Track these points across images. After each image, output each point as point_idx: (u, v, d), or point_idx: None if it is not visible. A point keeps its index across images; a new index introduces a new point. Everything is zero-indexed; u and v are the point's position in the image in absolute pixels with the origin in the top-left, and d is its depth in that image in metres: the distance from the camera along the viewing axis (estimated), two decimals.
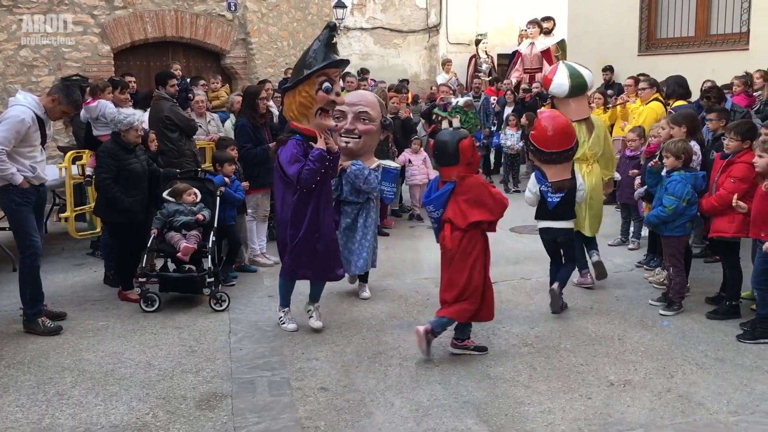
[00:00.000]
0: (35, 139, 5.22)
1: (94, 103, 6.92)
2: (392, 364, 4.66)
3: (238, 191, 6.61)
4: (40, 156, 5.35)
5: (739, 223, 5.23)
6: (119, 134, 5.88)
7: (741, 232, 5.26)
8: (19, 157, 5.14)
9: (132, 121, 5.86)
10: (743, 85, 8.38)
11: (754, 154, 5.13)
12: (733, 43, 10.63)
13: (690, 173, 5.51)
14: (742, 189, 5.19)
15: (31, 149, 5.22)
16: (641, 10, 11.70)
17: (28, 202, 5.26)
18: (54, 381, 4.46)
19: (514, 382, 4.36)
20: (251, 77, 12.50)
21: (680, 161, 5.51)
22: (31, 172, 5.21)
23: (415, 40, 19.19)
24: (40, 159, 5.35)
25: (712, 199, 5.39)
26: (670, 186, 5.50)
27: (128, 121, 5.84)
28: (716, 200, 5.35)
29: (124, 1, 11.28)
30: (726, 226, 5.33)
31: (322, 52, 4.95)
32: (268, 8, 13.05)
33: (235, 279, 6.57)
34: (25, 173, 5.17)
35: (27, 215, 5.26)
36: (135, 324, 5.49)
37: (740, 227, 5.24)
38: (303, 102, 4.98)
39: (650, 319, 5.42)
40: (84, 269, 7.17)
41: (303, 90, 4.96)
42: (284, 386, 4.36)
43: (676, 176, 5.50)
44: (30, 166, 5.21)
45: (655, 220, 5.61)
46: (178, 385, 4.38)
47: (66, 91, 5.34)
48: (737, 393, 4.16)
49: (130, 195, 5.85)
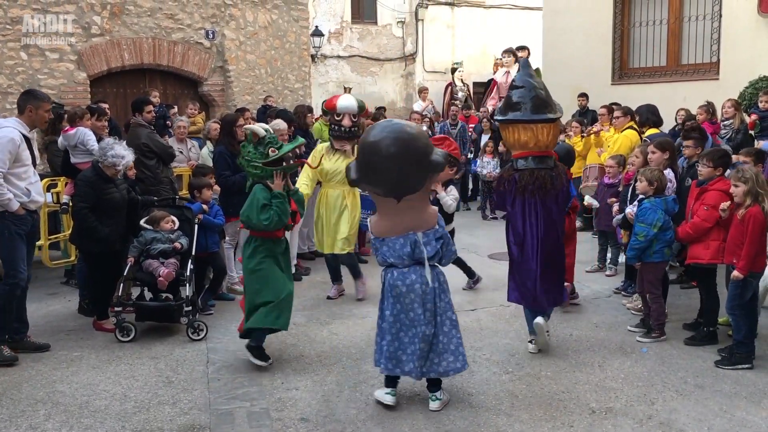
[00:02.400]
0: (26, 158, 5.22)
1: (73, 131, 6.85)
2: (373, 393, 4.61)
3: (218, 216, 6.57)
4: (34, 177, 5.35)
5: (714, 249, 5.31)
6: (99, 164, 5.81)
7: (716, 259, 5.33)
8: (15, 179, 5.13)
9: (116, 163, 5.75)
10: (705, 113, 8.64)
11: (727, 181, 5.22)
12: (704, 72, 10.87)
13: (660, 198, 5.58)
14: (715, 217, 5.26)
15: (25, 169, 5.21)
16: (614, 40, 11.95)
17: (23, 231, 5.23)
18: (27, 414, 4.35)
19: (496, 411, 4.34)
20: (229, 104, 12.52)
21: (652, 188, 5.59)
22: (26, 196, 5.19)
23: (392, 68, 19.36)
24: (35, 180, 5.35)
25: (687, 227, 5.45)
26: (641, 214, 5.58)
27: (112, 161, 5.73)
28: (691, 228, 5.41)
29: (101, 29, 11.28)
30: (702, 252, 5.40)
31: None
32: (246, 36, 13.11)
33: (212, 308, 6.49)
34: (21, 199, 5.14)
35: (19, 245, 5.22)
36: (110, 354, 5.39)
37: (715, 254, 5.31)
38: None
39: (629, 346, 5.44)
40: (58, 298, 7.04)
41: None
42: (264, 417, 4.30)
43: (646, 204, 5.58)
44: (25, 188, 5.20)
45: (633, 253, 5.66)
46: (154, 417, 4.29)
47: (32, 95, 5.40)
48: (717, 419, 4.18)
49: (107, 224, 5.76)
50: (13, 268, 5.19)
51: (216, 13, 12.59)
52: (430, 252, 4.23)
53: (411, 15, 19.20)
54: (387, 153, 3.98)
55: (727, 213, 5.15)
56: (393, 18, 19.11)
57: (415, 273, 4.22)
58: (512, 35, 17.51)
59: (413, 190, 4.11)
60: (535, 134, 4.97)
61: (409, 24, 19.19)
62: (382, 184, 4.12)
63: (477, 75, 18.69)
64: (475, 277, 7.04)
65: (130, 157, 5.94)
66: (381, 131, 4.07)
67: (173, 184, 7.56)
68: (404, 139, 4.02)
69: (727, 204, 5.15)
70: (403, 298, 4.23)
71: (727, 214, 5.15)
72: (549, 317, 5.44)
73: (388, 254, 4.26)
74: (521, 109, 4.99)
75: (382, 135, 4.04)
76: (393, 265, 4.28)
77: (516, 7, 19.60)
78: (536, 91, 5.02)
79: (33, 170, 5.36)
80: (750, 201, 4.90)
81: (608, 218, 7.50)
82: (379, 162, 4.02)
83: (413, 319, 4.25)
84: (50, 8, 10.83)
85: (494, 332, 5.80)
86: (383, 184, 4.11)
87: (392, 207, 4.17)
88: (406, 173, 4.03)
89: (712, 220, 5.28)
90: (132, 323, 5.74)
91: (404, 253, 4.21)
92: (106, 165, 5.76)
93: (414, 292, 4.21)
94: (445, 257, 4.35)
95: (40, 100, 5.37)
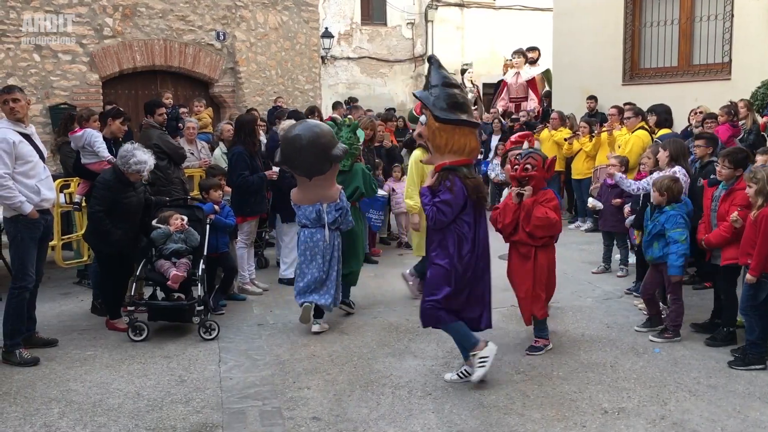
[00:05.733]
0: (28, 155, 5.19)
1: (80, 132, 6.88)
2: (384, 392, 4.62)
3: (229, 217, 6.60)
4: (44, 172, 5.34)
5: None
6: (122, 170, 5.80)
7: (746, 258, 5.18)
8: (22, 177, 5.13)
9: (140, 169, 5.77)
10: (727, 115, 8.48)
11: None
12: (716, 73, 10.83)
13: (680, 204, 5.55)
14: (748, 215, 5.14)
15: (31, 165, 5.20)
16: (625, 41, 11.91)
17: (36, 234, 5.26)
18: (41, 412, 4.38)
19: (507, 410, 4.34)
20: (239, 106, 12.56)
21: (664, 198, 5.56)
22: (36, 195, 5.19)
23: (401, 69, 19.39)
24: (44, 176, 5.34)
25: (723, 231, 5.28)
26: (671, 221, 5.49)
27: (136, 168, 5.74)
28: (726, 232, 5.25)
29: (113, 30, 11.34)
30: (733, 253, 5.23)
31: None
32: (257, 38, 13.15)
33: (224, 308, 6.52)
34: (32, 199, 5.15)
35: (31, 249, 5.25)
36: (123, 353, 5.42)
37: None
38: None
39: (641, 346, 5.42)
40: (71, 298, 7.09)
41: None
42: (276, 416, 4.31)
43: (671, 211, 5.53)
44: (35, 186, 5.19)
45: (682, 260, 5.48)
46: (167, 416, 4.32)
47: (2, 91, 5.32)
48: (731, 420, 4.16)
49: (121, 227, 5.77)
50: (22, 271, 5.24)
51: (227, 14, 12.64)
52: (330, 219, 5.74)
53: (420, 16, 19.22)
54: (299, 144, 5.48)
55: (740, 222, 5.10)
56: (402, 19, 19.13)
57: (320, 233, 5.75)
58: (522, 36, 17.48)
59: (320, 173, 5.60)
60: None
61: (418, 25, 19.21)
62: (297, 167, 5.63)
63: (486, 76, 18.66)
64: None
65: (152, 160, 5.92)
66: (296, 129, 5.66)
67: (184, 185, 7.59)
68: (310, 136, 5.49)
69: (736, 215, 5.10)
70: (309, 250, 5.76)
71: (740, 223, 5.10)
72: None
73: (302, 217, 5.81)
74: (469, 112, 4.74)
75: (296, 131, 5.60)
76: (305, 225, 5.81)
77: (525, 8, 19.57)
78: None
79: (42, 165, 5.34)
80: (762, 201, 4.87)
81: (613, 219, 7.51)
82: (294, 151, 5.52)
83: (314, 265, 5.75)
84: (63, 10, 10.90)
85: (505, 332, 5.80)
86: (298, 167, 5.62)
87: (306, 183, 5.70)
88: (312, 160, 5.51)
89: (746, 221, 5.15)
90: (144, 323, 5.77)
91: (312, 217, 5.75)
92: (130, 173, 5.78)
93: (317, 246, 5.74)
94: (343, 224, 5.86)
95: (8, 90, 5.29)
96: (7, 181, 5.01)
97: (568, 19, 12.84)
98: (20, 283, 5.23)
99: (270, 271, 8.14)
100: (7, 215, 5.21)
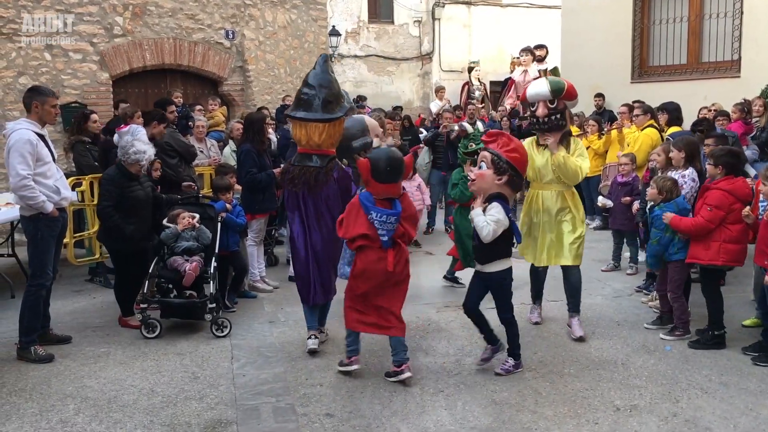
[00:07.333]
0: (46, 156, 5.24)
1: (126, 128, 6.91)
2: (397, 389, 4.64)
3: (240, 216, 6.63)
4: (58, 172, 5.40)
5: (714, 250, 5.21)
6: (123, 162, 5.89)
7: (716, 260, 5.23)
8: (41, 178, 5.17)
9: (140, 159, 5.84)
10: (740, 112, 8.48)
11: (730, 180, 5.19)
12: (725, 70, 10.80)
13: (669, 203, 5.54)
14: (719, 216, 5.17)
15: (48, 166, 5.25)
16: (633, 39, 11.89)
17: (55, 232, 5.31)
18: (57, 408, 4.42)
19: (520, 408, 4.36)
20: (248, 104, 12.58)
21: (661, 197, 5.59)
22: (56, 195, 5.25)
23: (409, 67, 19.36)
24: (59, 175, 5.40)
25: (690, 224, 5.32)
26: (654, 220, 5.61)
27: (135, 158, 5.82)
28: (693, 227, 5.30)
29: (123, 29, 11.38)
30: (701, 253, 5.30)
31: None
32: (265, 36, 13.18)
33: (235, 305, 6.55)
34: (52, 198, 5.20)
35: (50, 247, 5.30)
36: (136, 350, 5.46)
37: (715, 255, 5.21)
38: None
39: (652, 344, 5.43)
40: (83, 295, 7.14)
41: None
42: (289, 412, 4.34)
43: (657, 210, 5.58)
44: (54, 185, 5.25)
45: (652, 260, 5.71)
46: (182, 412, 4.35)
47: (35, 91, 5.36)
48: (743, 418, 4.17)
49: (131, 222, 5.83)
50: (41, 269, 5.28)
51: (236, 13, 12.67)
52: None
53: (428, 14, 19.19)
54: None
55: (752, 219, 5.10)
56: (410, 17, 19.10)
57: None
58: (529, 34, 17.45)
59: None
60: (308, 133, 5.19)
61: (425, 23, 19.18)
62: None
63: (494, 74, 18.63)
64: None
65: (151, 150, 6.02)
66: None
67: (195, 183, 7.62)
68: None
69: (748, 209, 5.10)
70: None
71: (751, 219, 5.10)
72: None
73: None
74: (304, 108, 5.23)
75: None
76: None
77: (533, 6, 19.51)
78: (322, 92, 5.22)
79: (56, 166, 5.40)
80: None
81: (622, 217, 7.51)
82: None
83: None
84: (73, 9, 10.94)
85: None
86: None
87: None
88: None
89: (716, 221, 5.18)
90: (157, 320, 5.81)
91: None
92: (129, 163, 5.83)
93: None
94: None
95: (44, 95, 5.30)
96: (30, 182, 5.06)
97: (576, 17, 12.83)
98: (38, 280, 5.28)
99: (280, 268, 8.17)
100: (25, 214, 5.24)
